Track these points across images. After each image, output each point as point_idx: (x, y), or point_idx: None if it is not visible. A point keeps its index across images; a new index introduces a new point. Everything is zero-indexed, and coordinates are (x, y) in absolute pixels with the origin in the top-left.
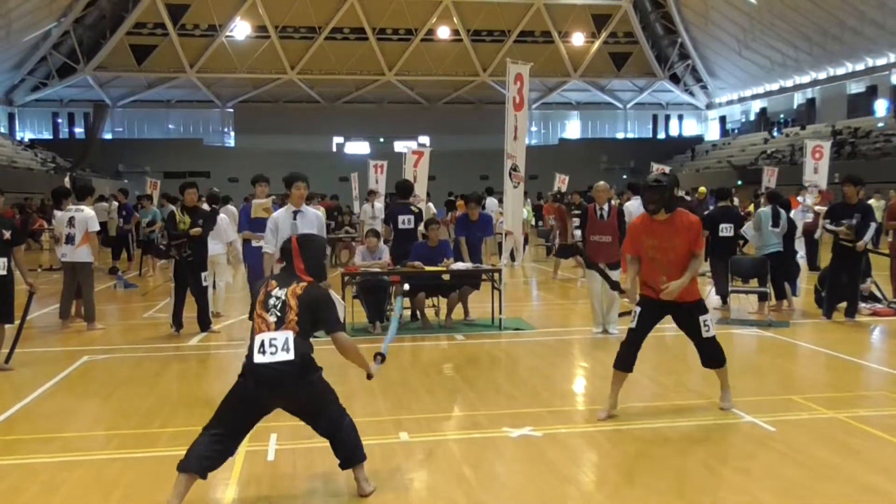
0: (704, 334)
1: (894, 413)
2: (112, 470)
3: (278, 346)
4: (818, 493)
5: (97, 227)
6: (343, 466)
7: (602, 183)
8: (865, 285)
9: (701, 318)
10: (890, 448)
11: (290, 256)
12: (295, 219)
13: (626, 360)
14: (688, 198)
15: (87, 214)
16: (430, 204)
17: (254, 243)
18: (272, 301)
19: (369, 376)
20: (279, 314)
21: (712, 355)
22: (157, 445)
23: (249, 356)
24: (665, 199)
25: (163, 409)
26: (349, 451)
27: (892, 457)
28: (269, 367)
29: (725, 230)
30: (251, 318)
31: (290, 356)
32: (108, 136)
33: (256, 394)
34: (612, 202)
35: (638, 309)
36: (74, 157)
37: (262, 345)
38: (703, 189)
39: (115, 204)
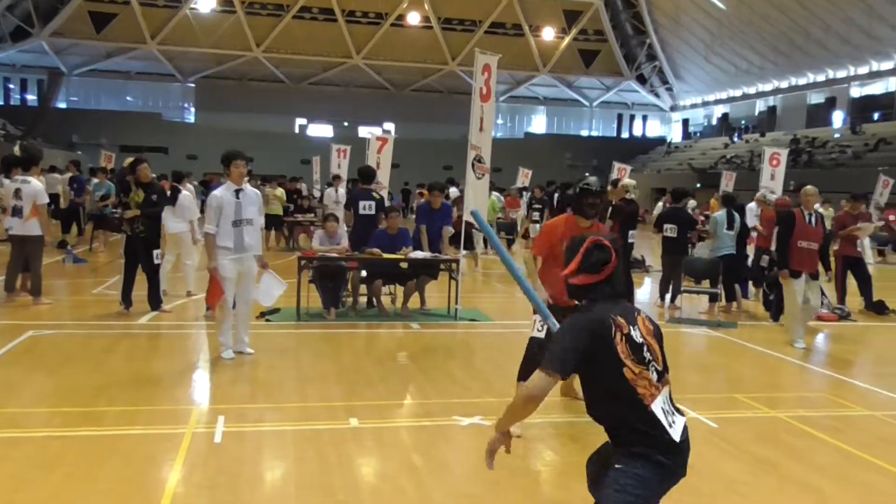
0: None
1: (833, 414)
2: (54, 448)
3: (671, 411)
4: (757, 488)
5: (46, 200)
6: None
7: (810, 187)
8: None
9: None
10: (827, 448)
11: (612, 274)
12: (238, 197)
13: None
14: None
15: (34, 187)
16: (454, 189)
17: None
18: (644, 352)
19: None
20: (658, 368)
21: None
22: (101, 424)
23: (659, 435)
24: (603, 205)
25: (109, 388)
26: None
27: (829, 456)
28: (687, 442)
29: (669, 231)
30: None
31: (683, 418)
32: (63, 105)
33: (674, 482)
34: (818, 208)
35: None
36: (26, 125)
37: (666, 415)
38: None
39: (68, 175)
